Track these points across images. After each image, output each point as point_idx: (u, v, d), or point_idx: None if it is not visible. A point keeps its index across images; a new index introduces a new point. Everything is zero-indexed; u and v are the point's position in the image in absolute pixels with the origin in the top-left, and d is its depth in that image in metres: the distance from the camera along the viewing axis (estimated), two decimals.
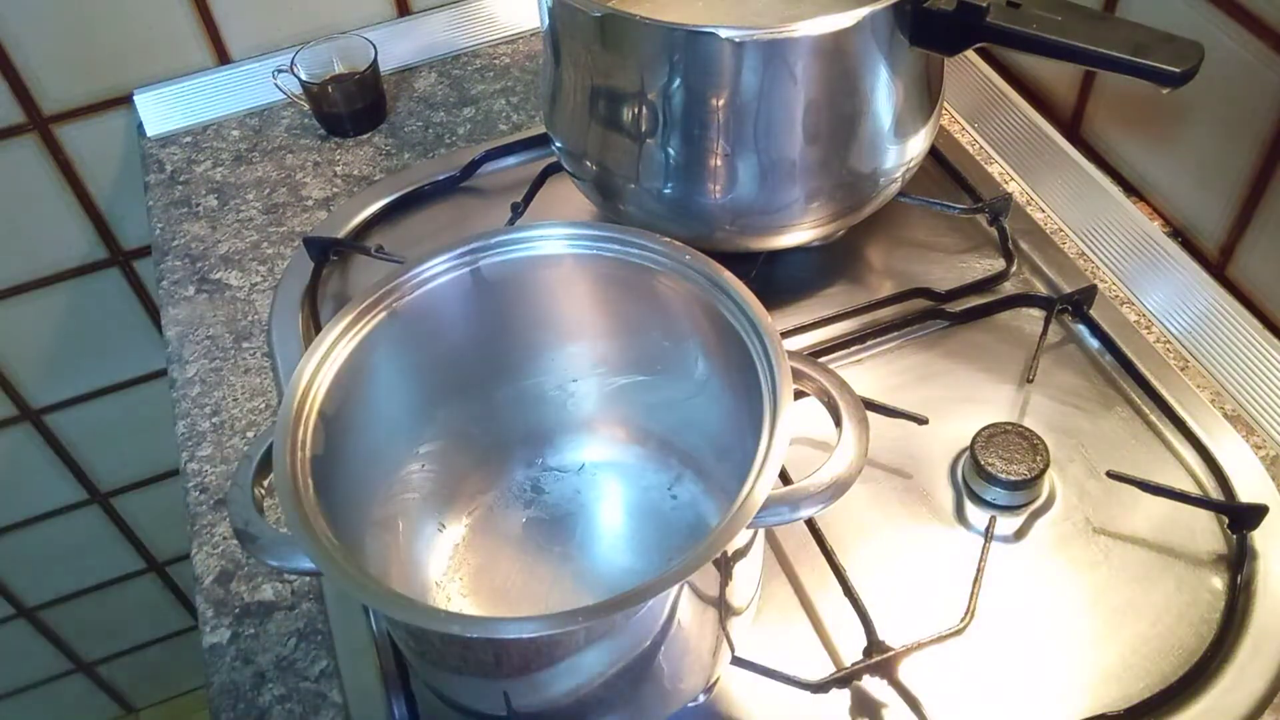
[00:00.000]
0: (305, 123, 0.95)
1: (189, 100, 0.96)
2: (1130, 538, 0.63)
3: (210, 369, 0.77)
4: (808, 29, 0.62)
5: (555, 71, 0.73)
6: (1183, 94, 0.62)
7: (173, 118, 0.96)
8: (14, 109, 0.93)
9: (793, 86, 0.65)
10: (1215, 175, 0.75)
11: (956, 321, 0.75)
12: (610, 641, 0.46)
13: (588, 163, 0.74)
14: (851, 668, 0.57)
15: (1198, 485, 0.66)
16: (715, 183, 0.69)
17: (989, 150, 0.88)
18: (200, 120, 0.96)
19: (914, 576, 0.62)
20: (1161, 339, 0.74)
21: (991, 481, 0.64)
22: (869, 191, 0.73)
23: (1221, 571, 0.62)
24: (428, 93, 0.98)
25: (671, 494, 0.62)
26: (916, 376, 0.72)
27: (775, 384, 0.48)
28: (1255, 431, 0.68)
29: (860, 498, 0.66)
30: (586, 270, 0.57)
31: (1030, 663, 0.59)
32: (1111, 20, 0.65)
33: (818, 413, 0.52)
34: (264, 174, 0.91)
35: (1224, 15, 0.70)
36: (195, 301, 0.81)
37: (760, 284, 0.61)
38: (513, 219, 0.80)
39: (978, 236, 0.81)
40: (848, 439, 0.49)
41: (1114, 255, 0.79)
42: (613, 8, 0.65)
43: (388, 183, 0.88)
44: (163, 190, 0.91)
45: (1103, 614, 0.60)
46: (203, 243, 0.86)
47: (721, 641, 0.53)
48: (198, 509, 0.69)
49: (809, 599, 0.62)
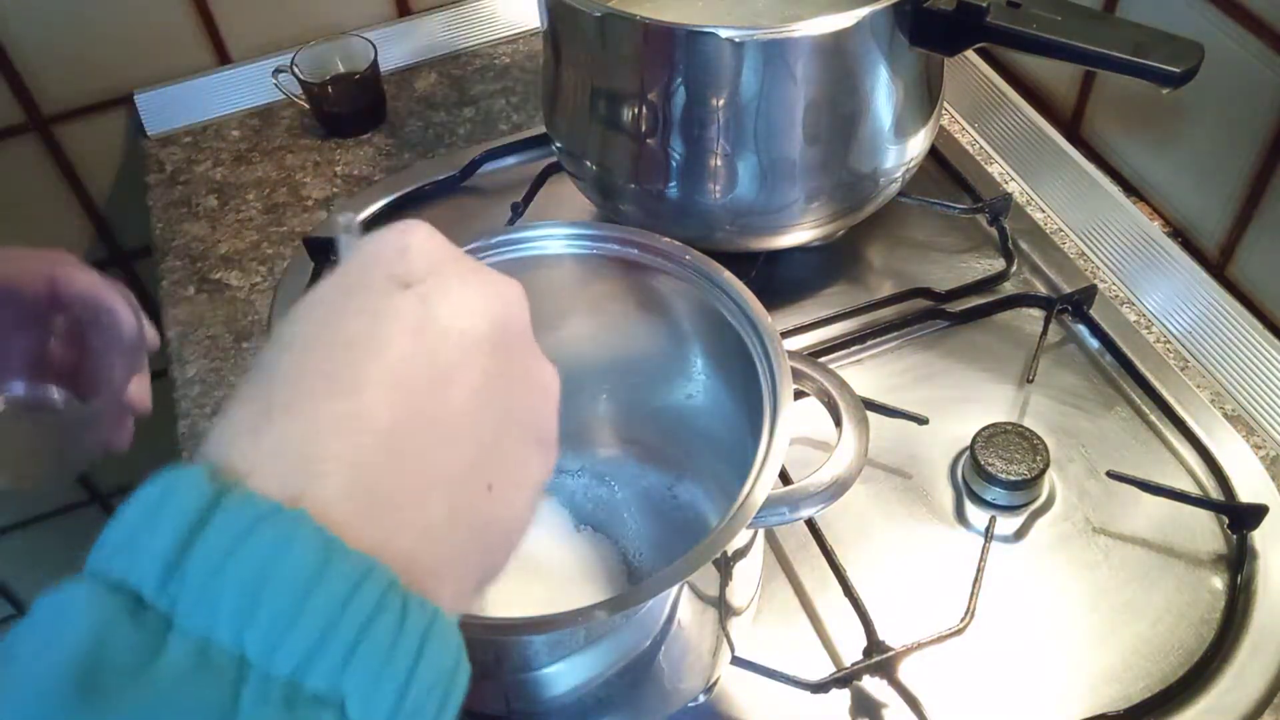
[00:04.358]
0: (305, 123, 0.95)
1: (189, 100, 0.96)
2: (1130, 538, 0.63)
3: (210, 369, 0.77)
4: (808, 29, 0.62)
5: (555, 71, 0.73)
6: (1183, 94, 0.62)
7: (173, 118, 0.96)
8: (14, 109, 0.93)
9: (793, 86, 0.65)
10: (1215, 175, 0.75)
11: (956, 321, 0.75)
12: (610, 641, 0.46)
13: (588, 163, 0.74)
14: (851, 668, 0.57)
15: (1198, 485, 0.66)
16: (715, 183, 0.69)
17: (989, 150, 0.88)
18: (200, 120, 0.96)
19: (914, 576, 0.62)
20: (1161, 339, 0.74)
21: (991, 481, 0.64)
22: (869, 191, 0.73)
23: (1221, 571, 0.62)
24: (428, 93, 0.97)
25: (671, 494, 0.62)
26: (916, 376, 0.72)
27: (775, 384, 0.48)
28: (1255, 431, 0.68)
29: (860, 498, 0.66)
30: (586, 270, 0.56)
31: (1030, 663, 0.59)
32: (1111, 20, 0.65)
33: (818, 413, 0.52)
34: (264, 174, 0.91)
35: (1224, 15, 0.70)
36: (195, 301, 0.81)
37: (760, 284, 0.61)
38: (513, 219, 0.80)
39: (978, 236, 0.81)
40: (848, 439, 0.49)
41: (1114, 255, 0.79)
42: (613, 8, 0.65)
43: (388, 183, 0.88)
44: (163, 190, 0.91)
45: (1103, 614, 0.60)
46: (203, 243, 0.86)
47: (721, 641, 0.53)
48: None
49: (809, 599, 0.62)
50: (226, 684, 0.22)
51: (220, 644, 0.22)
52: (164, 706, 0.22)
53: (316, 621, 0.23)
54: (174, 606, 0.23)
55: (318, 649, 0.23)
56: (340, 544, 0.24)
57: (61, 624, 0.22)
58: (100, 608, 0.22)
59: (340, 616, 0.23)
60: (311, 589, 0.23)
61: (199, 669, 0.22)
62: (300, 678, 0.23)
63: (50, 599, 0.23)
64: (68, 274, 0.50)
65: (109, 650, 0.22)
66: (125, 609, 0.23)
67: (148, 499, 0.24)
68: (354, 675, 0.23)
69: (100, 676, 0.21)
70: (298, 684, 0.23)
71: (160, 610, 0.23)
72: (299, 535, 0.23)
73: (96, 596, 0.23)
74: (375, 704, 0.23)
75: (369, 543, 0.24)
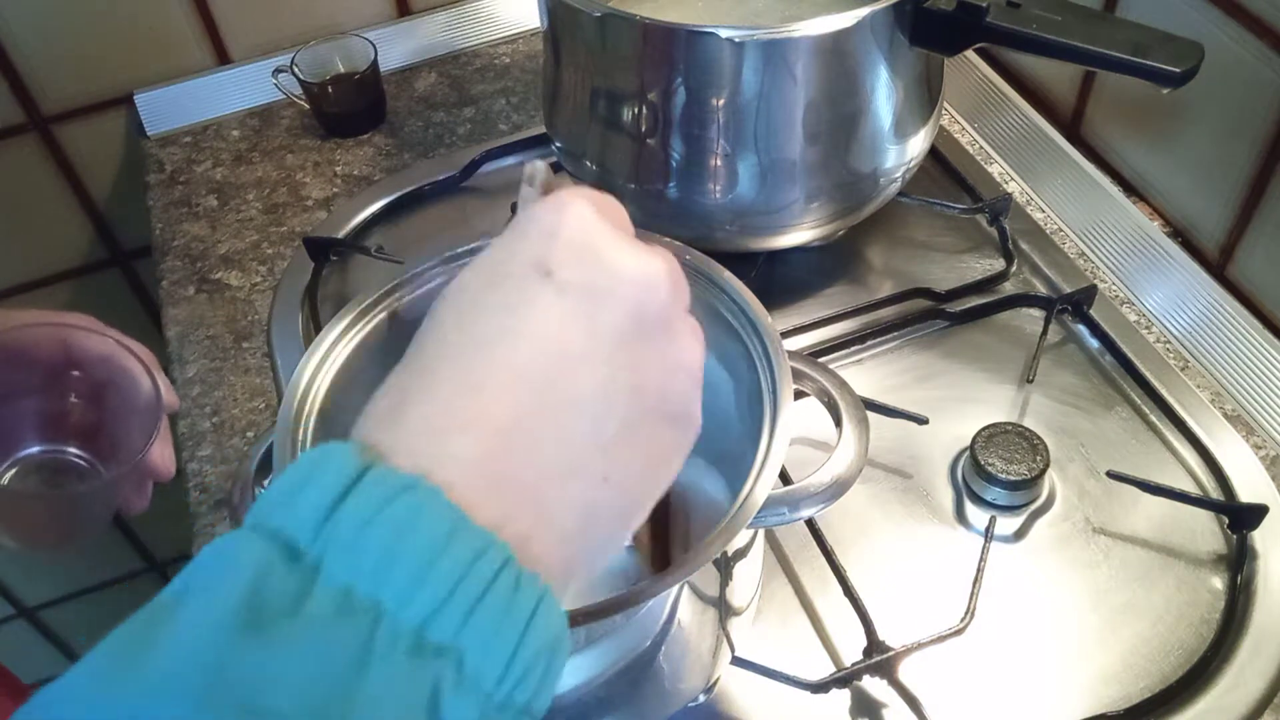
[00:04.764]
0: (305, 123, 0.95)
1: (189, 100, 0.96)
2: (1130, 538, 0.63)
3: (210, 369, 0.77)
4: (808, 29, 0.62)
5: (555, 71, 0.73)
6: (1182, 94, 0.62)
7: (173, 118, 0.96)
8: (14, 109, 0.93)
9: (793, 86, 0.65)
10: (1215, 175, 0.75)
11: (956, 321, 0.75)
12: (610, 641, 0.46)
13: (588, 163, 0.74)
14: (851, 668, 0.57)
15: (1198, 485, 0.66)
16: (715, 183, 0.69)
17: (989, 150, 0.88)
18: (200, 120, 0.96)
19: (914, 576, 0.62)
20: (1161, 339, 0.74)
21: (991, 481, 0.64)
22: (869, 191, 0.73)
23: (1221, 571, 0.62)
24: (428, 93, 0.97)
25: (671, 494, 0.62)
26: (916, 376, 0.72)
27: (775, 384, 0.48)
28: (1255, 431, 0.68)
29: (860, 498, 0.66)
30: None
31: (1030, 663, 0.59)
32: (1111, 20, 0.65)
33: (818, 413, 0.52)
34: (264, 174, 0.91)
35: (1224, 15, 0.70)
36: (195, 301, 0.81)
37: (760, 284, 0.61)
38: (512, 219, 0.80)
39: (978, 236, 0.81)
40: (848, 439, 0.49)
41: (1114, 255, 0.79)
42: (613, 8, 0.65)
43: (388, 183, 0.88)
44: (163, 190, 0.91)
45: (1103, 614, 0.60)
46: (203, 243, 0.86)
47: (721, 641, 0.53)
48: (198, 509, 0.69)
49: (809, 599, 0.62)
50: (364, 627, 0.25)
51: (361, 593, 0.25)
52: (312, 641, 0.25)
53: (443, 582, 0.26)
54: (323, 556, 0.26)
55: (443, 606, 0.26)
56: (466, 519, 0.27)
57: (226, 567, 0.26)
58: (261, 552, 0.26)
59: (463, 580, 0.26)
60: (440, 554, 0.26)
61: (342, 612, 0.25)
62: (426, 629, 0.26)
63: (215, 546, 0.26)
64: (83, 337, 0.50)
65: (266, 590, 0.25)
66: (281, 555, 0.26)
67: (303, 466, 0.27)
68: (472, 632, 0.26)
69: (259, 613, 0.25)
70: (424, 635, 0.26)
71: (311, 558, 0.26)
72: (433, 507, 0.27)
73: (257, 544, 0.26)
74: (489, 661, 0.26)
75: (489, 522, 0.27)
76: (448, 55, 1.01)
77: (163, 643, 0.25)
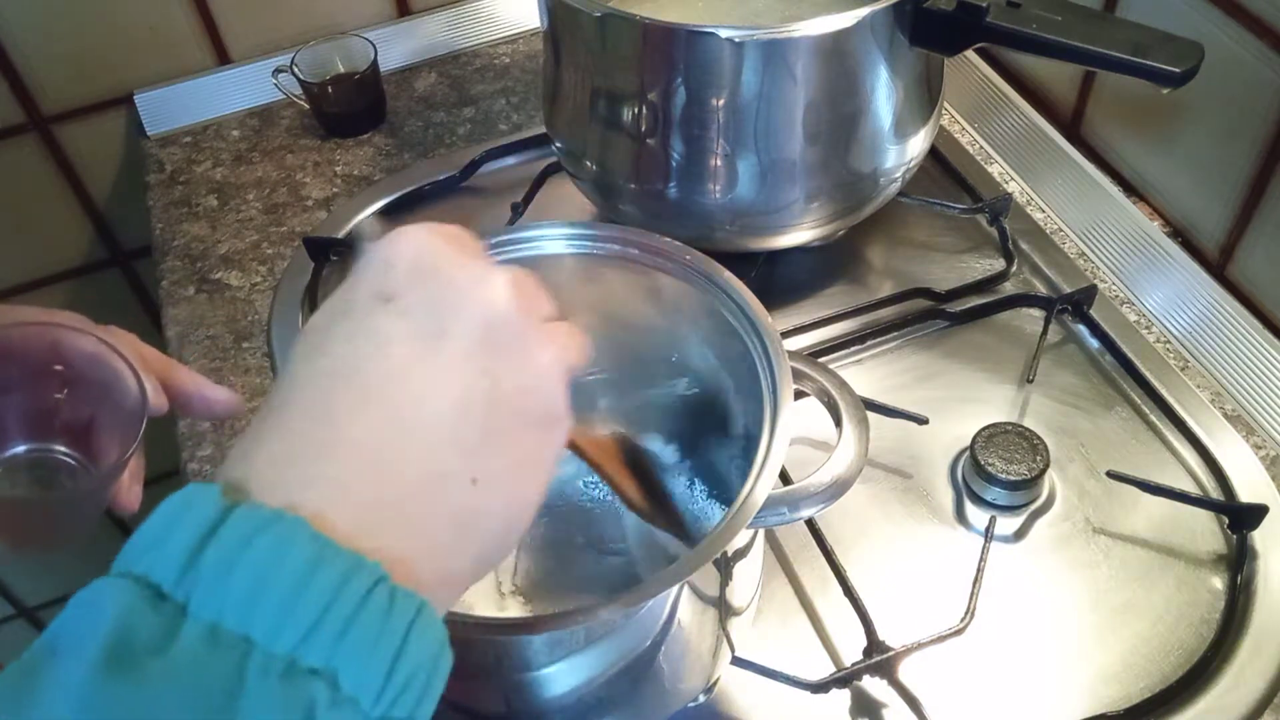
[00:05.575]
0: (305, 123, 0.95)
1: (189, 100, 0.96)
2: (1130, 538, 0.63)
3: (210, 369, 0.77)
4: (808, 29, 0.62)
5: (555, 71, 0.73)
6: (1182, 94, 0.62)
7: (173, 118, 0.96)
8: (14, 109, 0.93)
9: (793, 86, 0.65)
10: (1215, 175, 0.75)
11: (956, 321, 0.75)
12: (610, 641, 0.46)
13: (588, 163, 0.74)
14: (851, 668, 0.57)
15: (1198, 485, 0.66)
16: (715, 183, 0.69)
17: (989, 150, 0.88)
18: (200, 120, 0.96)
19: (914, 576, 0.62)
20: (1161, 339, 0.74)
21: (991, 481, 0.64)
22: (869, 191, 0.73)
23: (1221, 571, 0.62)
24: (428, 93, 0.98)
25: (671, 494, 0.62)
26: (916, 376, 0.72)
27: (775, 384, 0.48)
28: (1255, 431, 0.68)
29: (860, 498, 0.66)
30: (586, 270, 0.56)
31: (1030, 663, 0.59)
32: (1111, 20, 0.65)
33: (818, 413, 0.52)
34: (264, 174, 0.91)
35: (1224, 15, 0.70)
36: (195, 301, 0.81)
37: (760, 284, 0.61)
38: (513, 219, 0.80)
39: (978, 236, 0.81)
40: (848, 439, 0.49)
41: (1114, 255, 0.79)
42: (613, 8, 0.65)
43: (388, 183, 0.88)
44: (163, 190, 0.91)
45: (1103, 614, 0.60)
46: (203, 243, 0.86)
47: (721, 641, 0.53)
48: None
49: (809, 599, 0.62)
50: (234, 660, 0.26)
51: (228, 627, 0.26)
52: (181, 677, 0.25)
53: (312, 608, 0.26)
54: (190, 595, 0.26)
55: (313, 631, 0.26)
56: (332, 544, 0.27)
57: (93, 614, 0.26)
58: (127, 596, 0.26)
59: (332, 604, 0.26)
60: (307, 581, 0.26)
61: (210, 647, 0.26)
62: (298, 654, 0.26)
63: (82, 595, 0.27)
64: (72, 336, 0.50)
65: (134, 632, 0.26)
66: (148, 599, 0.26)
67: (168, 510, 0.28)
68: (345, 653, 0.26)
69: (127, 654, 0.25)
70: (296, 660, 0.26)
71: (177, 600, 0.26)
72: (297, 537, 0.27)
73: (123, 589, 0.26)
74: (365, 678, 0.27)
75: (358, 544, 0.28)
76: (448, 55, 1.01)
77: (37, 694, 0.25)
